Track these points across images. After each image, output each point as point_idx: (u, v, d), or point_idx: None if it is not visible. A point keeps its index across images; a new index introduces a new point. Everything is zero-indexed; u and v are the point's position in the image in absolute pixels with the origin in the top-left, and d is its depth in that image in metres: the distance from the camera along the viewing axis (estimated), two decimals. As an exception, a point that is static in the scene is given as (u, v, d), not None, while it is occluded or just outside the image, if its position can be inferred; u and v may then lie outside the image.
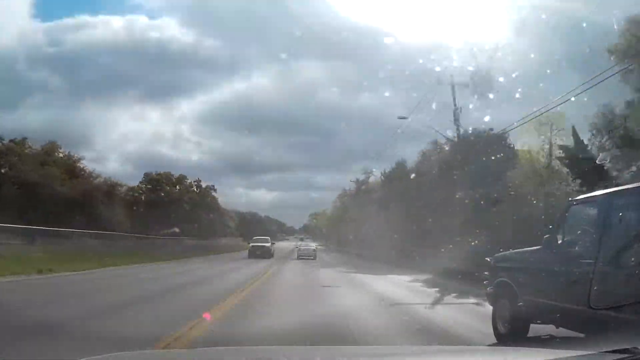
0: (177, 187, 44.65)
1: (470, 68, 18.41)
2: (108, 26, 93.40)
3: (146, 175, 43.51)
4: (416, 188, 24.09)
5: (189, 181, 46.84)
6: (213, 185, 49.67)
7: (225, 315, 7.36)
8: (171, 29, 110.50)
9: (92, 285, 12.09)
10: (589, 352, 2.29)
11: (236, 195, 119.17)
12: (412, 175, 25.98)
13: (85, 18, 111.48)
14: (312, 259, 29.94)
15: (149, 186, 43.27)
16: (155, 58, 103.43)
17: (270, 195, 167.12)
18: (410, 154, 40.17)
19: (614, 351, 2.10)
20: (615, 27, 13.19)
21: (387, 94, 62.40)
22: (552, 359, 2.56)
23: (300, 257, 31.23)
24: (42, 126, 59.17)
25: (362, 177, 45.06)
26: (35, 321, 6.35)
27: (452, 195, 18.34)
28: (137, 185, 43.04)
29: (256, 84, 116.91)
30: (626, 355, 2.04)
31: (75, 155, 34.62)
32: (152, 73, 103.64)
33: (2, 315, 6.90)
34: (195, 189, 46.46)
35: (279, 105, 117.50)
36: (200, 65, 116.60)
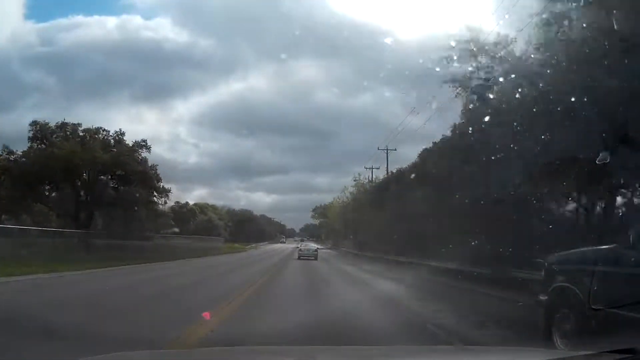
0: (82, 144, 30.28)
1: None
2: (102, 26, 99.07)
3: (34, 124, 30.20)
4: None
5: (102, 136, 31.79)
6: (145, 141, 32.34)
7: None
8: (166, 30, 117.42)
9: None
10: (589, 352, 2.43)
11: (234, 198, 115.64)
12: None
13: (79, 19, 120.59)
14: (312, 259, 35.21)
15: (41, 145, 30.20)
16: (152, 59, 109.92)
17: (270, 197, 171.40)
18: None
19: (614, 351, 2.16)
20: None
21: (386, 94, 62.57)
22: (552, 359, 2.67)
23: (301, 257, 36.51)
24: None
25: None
26: None
27: None
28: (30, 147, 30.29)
29: (254, 86, 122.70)
30: (626, 356, 2.12)
31: None
32: (148, 74, 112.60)
33: None
34: (112, 146, 31.44)
35: (277, 107, 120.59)
36: (198, 67, 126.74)
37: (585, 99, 10.28)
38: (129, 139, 31.76)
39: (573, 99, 10.49)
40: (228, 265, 26.50)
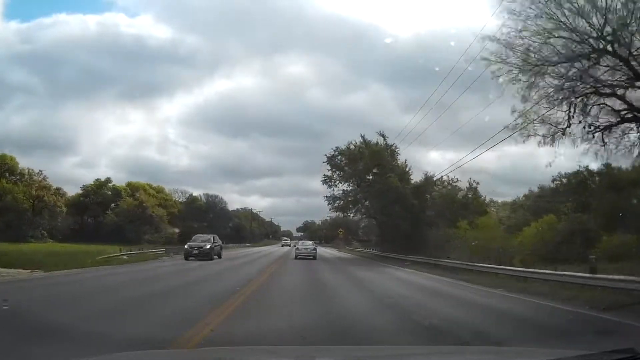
0: None
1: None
2: (86, 25, 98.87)
3: None
4: None
5: None
6: None
7: None
8: (156, 30, 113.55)
9: None
10: (589, 352, 2.41)
11: (229, 201, 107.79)
12: None
13: (62, 17, 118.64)
14: (311, 258, 31.33)
15: None
16: (140, 58, 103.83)
17: (265, 200, 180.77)
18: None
19: (614, 351, 2.20)
20: None
21: (381, 93, 59.56)
22: (552, 359, 2.73)
23: (298, 257, 32.46)
24: (21, 128, 63.39)
25: None
26: None
27: None
28: None
29: (245, 86, 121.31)
30: (626, 355, 2.14)
31: None
32: (138, 74, 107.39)
33: None
34: None
35: (269, 108, 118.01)
36: (188, 67, 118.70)
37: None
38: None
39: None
40: None
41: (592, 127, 15.51)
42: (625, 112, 15.31)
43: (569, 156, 22.17)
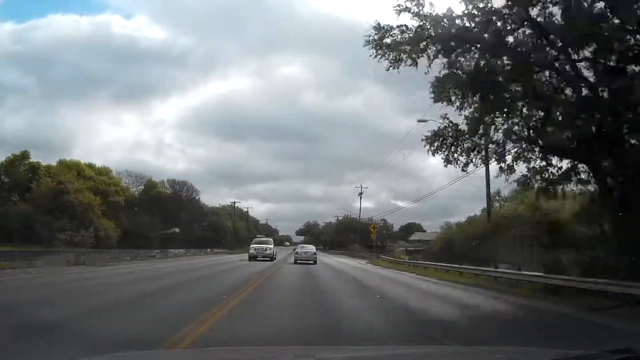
0: None
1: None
2: (82, 27, 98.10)
3: None
4: None
5: None
6: None
7: None
8: (150, 31, 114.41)
9: None
10: (589, 352, 2.40)
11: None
12: None
13: (57, 17, 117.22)
14: (311, 263, 31.03)
15: None
16: (137, 61, 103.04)
17: (263, 206, 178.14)
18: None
19: (614, 351, 2.19)
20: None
21: (379, 96, 57.94)
22: (552, 359, 2.72)
23: (297, 261, 32.01)
24: (14, 129, 62.93)
25: None
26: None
27: None
28: None
29: (242, 89, 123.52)
30: (626, 355, 2.13)
31: None
32: (132, 76, 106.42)
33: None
34: None
35: (266, 112, 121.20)
36: (187, 71, 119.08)
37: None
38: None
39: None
40: None
41: None
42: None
43: None
